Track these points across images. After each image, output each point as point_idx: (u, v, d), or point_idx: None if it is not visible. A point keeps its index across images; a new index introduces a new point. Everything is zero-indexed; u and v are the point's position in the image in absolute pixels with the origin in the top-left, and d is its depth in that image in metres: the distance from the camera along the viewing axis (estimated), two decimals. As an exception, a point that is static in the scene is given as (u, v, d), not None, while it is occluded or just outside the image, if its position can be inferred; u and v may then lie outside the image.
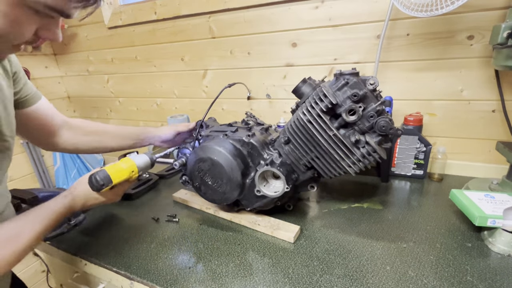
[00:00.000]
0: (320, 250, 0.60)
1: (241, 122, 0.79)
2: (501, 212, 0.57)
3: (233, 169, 0.64)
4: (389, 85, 0.94)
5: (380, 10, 0.88)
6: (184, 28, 1.21)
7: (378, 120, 0.56)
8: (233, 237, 0.66)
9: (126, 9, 1.32)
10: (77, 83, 1.65)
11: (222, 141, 0.66)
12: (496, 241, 0.57)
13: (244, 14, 1.08)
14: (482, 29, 0.80)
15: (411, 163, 0.88)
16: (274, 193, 0.64)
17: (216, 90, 1.23)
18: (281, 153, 0.66)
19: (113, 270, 0.59)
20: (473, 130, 0.89)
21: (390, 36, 0.90)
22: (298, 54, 1.05)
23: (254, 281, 0.53)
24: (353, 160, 0.59)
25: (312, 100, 0.59)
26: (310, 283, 0.52)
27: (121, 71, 1.46)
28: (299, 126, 0.60)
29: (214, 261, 0.59)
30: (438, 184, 0.86)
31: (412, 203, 0.76)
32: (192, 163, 0.69)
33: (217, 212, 0.75)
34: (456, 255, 0.56)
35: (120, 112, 1.58)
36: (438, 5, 0.66)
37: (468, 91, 0.86)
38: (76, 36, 1.51)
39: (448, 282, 0.50)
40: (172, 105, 1.39)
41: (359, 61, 0.97)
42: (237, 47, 1.14)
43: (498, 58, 0.71)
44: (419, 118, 0.87)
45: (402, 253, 0.58)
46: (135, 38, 1.34)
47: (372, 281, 0.51)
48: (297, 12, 1.00)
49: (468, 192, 0.66)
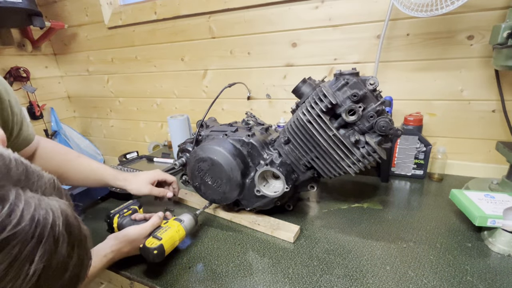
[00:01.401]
0: (320, 250, 0.60)
1: (241, 122, 0.79)
2: (501, 212, 0.57)
3: (233, 169, 0.64)
4: (389, 85, 0.94)
5: (380, 10, 0.88)
6: (184, 28, 1.21)
7: (378, 120, 0.56)
8: (233, 237, 0.66)
9: (126, 9, 1.32)
10: (77, 83, 1.65)
11: (222, 141, 0.66)
12: (496, 241, 0.57)
13: (244, 14, 1.08)
14: (482, 29, 0.80)
15: (411, 163, 0.88)
16: (273, 193, 0.64)
17: (216, 90, 1.23)
18: (281, 153, 0.66)
19: (113, 270, 0.59)
20: (473, 130, 0.89)
21: (390, 36, 0.90)
22: (298, 54, 1.05)
23: (254, 281, 0.53)
24: (353, 160, 0.59)
25: (312, 100, 0.59)
26: (310, 283, 0.52)
27: (121, 71, 1.46)
28: (299, 126, 0.60)
29: (214, 261, 0.59)
30: (438, 184, 0.86)
31: (412, 203, 0.76)
32: (192, 163, 0.69)
33: (217, 212, 0.75)
34: (456, 255, 0.56)
35: (120, 112, 1.58)
36: (438, 5, 0.66)
37: (468, 91, 0.86)
38: (76, 36, 1.51)
39: (448, 282, 0.50)
40: (172, 105, 1.39)
41: (359, 61, 0.97)
42: (237, 47, 1.14)
43: (498, 58, 0.71)
44: (419, 118, 0.87)
45: (402, 253, 0.58)
46: (135, 38, 1.34)
47: (372, 281, 0.51)
48: (297, 12, 1.00)
49: (468, 192, 0.66)
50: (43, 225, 0.22)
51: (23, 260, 0.20)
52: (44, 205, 0.23)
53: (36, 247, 0.21)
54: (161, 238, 0.55)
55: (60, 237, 0.23)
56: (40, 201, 0.23)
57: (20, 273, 0.20)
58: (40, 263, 0.21)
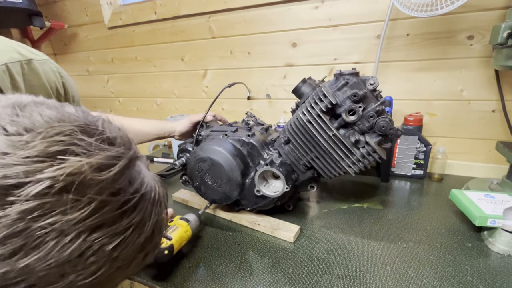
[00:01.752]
0: (320, 250, 0.60)
1: (241, 122, 0.79)
2: (501, 212, 0.57)
3: (232, 169, 0.64)
4: (389, 85, 0.94)
5: (380, 10, 0.88)
6: (184, 28, 1.21)
7: (378, 120, 0.56)
8: (233, 237, 0.66)
9: (126, 9, 1.32)
10: (77, 83, 1.64)
11: (222, 141, 0.66)
12: (496, 241, 0.57)
13: (244, 14, 1.08)
14: (482, 29, 0.80)
15: (411, 163, 0.88)
16: (273, 193, 0.64)
17: (216, 90, 1.23)
18: (281, 153, 0.66)
19: (113, 270, 0.59)
20: (473, 130, 0.89)
21: (390, 36, 0.90)
22: (298, 54, 1.05)
23: (254, 281, 0.53)
24: (353, 160, 0.59)
25: (312, 100, 0.59)
26: (310, 283, 0.52)
27: (121, 71, 1.46)
28: (299, 126, 0.60)
29: (214, 261, 0.59)
30: (438, 184, 0.86)
31: (412, 203, 0.76)
32: (192, 163, 0.69)
33: (217, 212, 0.75)
34: (456, 255, 0.56)
35: (120, 112, 1.58)
36: (438, 5, 0.66)
37: (468, 91, 0.86)
38: (76, 36, 1.51)
39: (448, 282, 0.50)
40: (172, 105, 1.39)
41: (359, 61, 0.97)
42: (237, 47, 1.14)
43: (498, 58, 0.71)
44: (419, 118, 0.87)
45: (402, 253, 0.58)
46: (135, 38, 1.34)
47: (372, 281, 0.51)
48: (297, 12, 1.00)
49: (468, 192, 0.66)
50: (153, 191, 0.27)
51: (148, 212, 0.26)
52: (149, 176, 0.28)
53: (152, 205, 0.27)
54: (171, 238, 0.54)
55: (158, 202, 0.28)
56: (147, 173, 0.28)
57: (144, 227, 0.26)
58: (154, 220, 0.27)
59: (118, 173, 0.24)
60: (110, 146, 0.24)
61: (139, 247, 0.26)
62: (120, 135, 0.26)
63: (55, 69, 0.54)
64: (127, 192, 0.24)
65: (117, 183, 0.23)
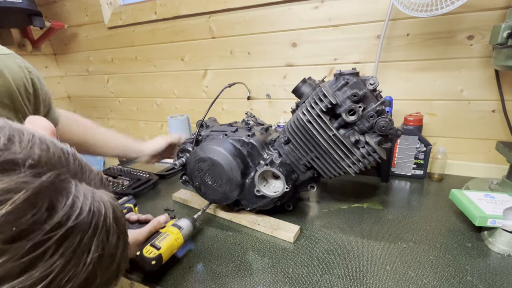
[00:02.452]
0: (320, 250, 0.60)
1: (241, 122, 0.79)
2: (501, 212, 0.57)
3: (232, 169, 0.64)
4: (389, 85, 0.94)
5: (380, 10, 0.88)
6: (184, 28, 1.21)
7: (378, 120, 0.56)
8: (233, 237, 0.66)
9: (126, 9, 1.32)
10: (77, 83, 1.65)
11: (222, 141, 0.66)
12: (496, 241, 0.57)
13: (244, 14, 1.08)
14: (482, 29, 0.80)
15: (411, 163, 0.88)
16: (273, 193, 0.64)
17: (216, 90, 1.23)
18: (281, 153, 0.66)
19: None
20: (473, 130, 0.89)
21: (390, 36, 0.90)
22: (298, 54, 1.05)
23: (254, 281, 0.53)
24: (353, 160, 0.59)
25: (312, 100, 0.59)
26: (310, 283, 0.52)
27: (121, 71, 1.46)
28: (299, 126, 0.60)
29: (214, 261, 0.59)
30: (438, 184, 0.86)
31: (412, 203, 0.76)
32: (192, 163, 0.69)
33: (217, 212, 0.75)
34: (456, 255, 0.56)
35: (120, 112, 1.58)
36: (438, 5, 0.66)
37: (468, 91, 0.86)
38: (76, 36, 1.51)
39: (448, 282, 0.50)
40: (172, 105, 1.39)
41: (359, 61, 0.97)
42: (237, 47, 1.14)
43: (498, 58, 0.71)
44: (419, 118, 0.87)
45: (402, 253, 0.58)
46: (135, 38, 1.34)
47: (372, 281, 0.51)
48: (297, 12, 1.00)
49: (468, 192, 0.66)
50: (97, 217, 0.23)
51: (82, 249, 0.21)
52: (97, 197, 0.24)
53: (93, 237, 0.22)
54: (160, 247, 0.52)
55: (111, 228, 0.24)
56: (94, 194, 0.24)
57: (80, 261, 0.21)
58: (96, 252, 0.22)
59: (15, 210, 0.18)
60: (8, 172, 0.19)
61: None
62: (38, 154, 0.21)
63: (22, 64, 0.47)
64: (41, 230, 0.19)
65: (14, 225, 0.18)
